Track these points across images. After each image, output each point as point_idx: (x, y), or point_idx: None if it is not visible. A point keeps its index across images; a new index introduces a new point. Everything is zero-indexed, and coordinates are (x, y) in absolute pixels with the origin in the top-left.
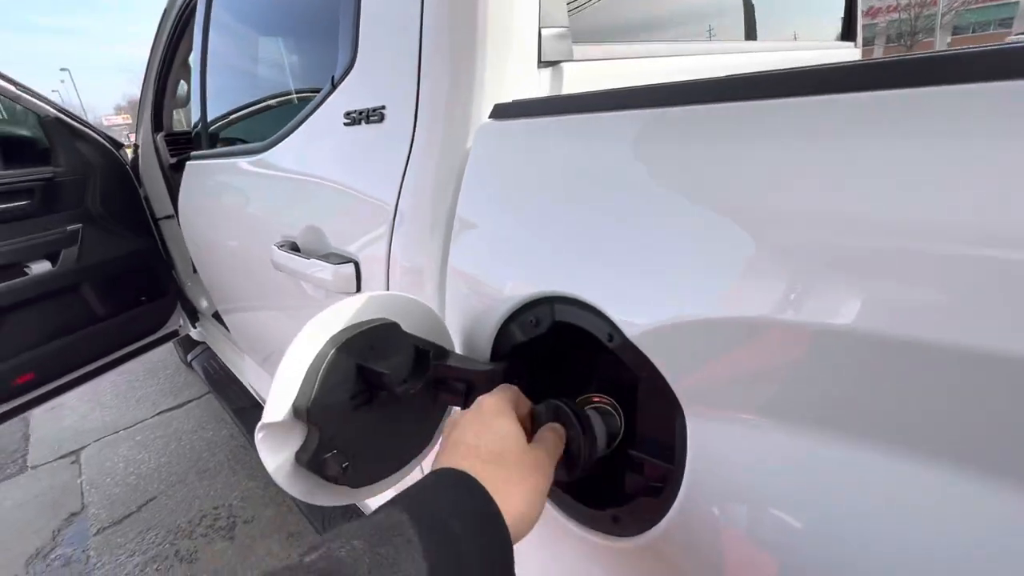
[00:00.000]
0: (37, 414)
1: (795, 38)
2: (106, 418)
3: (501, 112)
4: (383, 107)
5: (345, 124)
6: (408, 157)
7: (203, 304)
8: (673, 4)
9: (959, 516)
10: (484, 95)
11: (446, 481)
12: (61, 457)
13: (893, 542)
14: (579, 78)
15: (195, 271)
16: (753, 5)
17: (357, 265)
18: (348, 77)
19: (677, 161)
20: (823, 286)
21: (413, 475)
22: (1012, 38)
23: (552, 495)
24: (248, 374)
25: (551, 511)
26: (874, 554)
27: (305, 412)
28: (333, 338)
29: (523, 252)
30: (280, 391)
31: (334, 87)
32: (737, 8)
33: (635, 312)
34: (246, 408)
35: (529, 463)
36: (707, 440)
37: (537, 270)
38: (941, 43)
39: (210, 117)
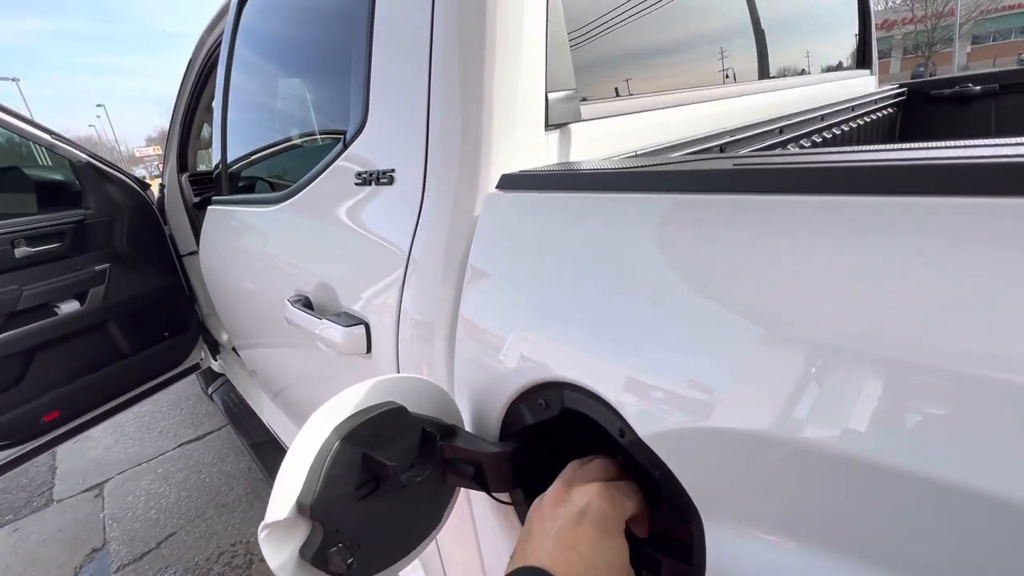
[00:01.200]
0: (64, 446)
1: (808, 65)
2: (130, 450)
3: (508, 183)
4: (393, 170)
5: (356, 184)
6: (417, 220)
7: (224, 337)
8: (682, 43)
9: None
10: (491, 161)
11: None
12: (86, 490)
13: None
14: (588, 137)
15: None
16: (765, 37)
17: (367, 326)
18: (359, 138)
19: (691, 250)
20: (854, 397)
21: (423, 556)
22: None
23: None
24: (264, 408)
25: None
26: None
27: (308, 508)
28: (338, 428)
29: (533, 328)
30: (284, 487)
31: (346, 146)
32: (748, 42)
33: (648, 411)
34: (263, 443)
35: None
36: (726, 550)
37: (546, 350)
38: (960, 53)
39: (229, 159)
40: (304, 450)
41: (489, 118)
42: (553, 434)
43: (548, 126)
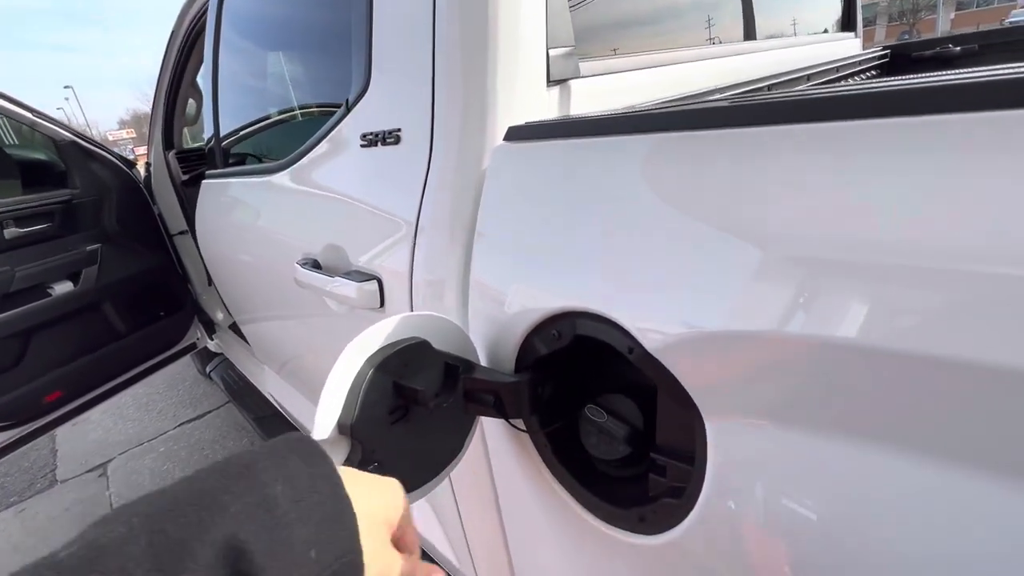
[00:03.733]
0: (63, 429)
1: (795, 28)
2: (130, 431)
3: (515, 135)
4: (399, 130)
5: (362, 146)
6: (426, 177)
7: (219, 316)
8: (671, 8)
9: (966, 511)
10: (497, 116)
11: (282, 446)
12: (89, 471)
13: (902, 538)
14: (586, 93)
15: (210, 284)
16: (752, 1)
17: (380, 281)
18: (362, 100)
19: (687, 181)
20: (828, 297)
21: (444, 485)
22: (1016, 11)
23: (579, 495)
24: (267, 383)
25: (578, 510)
26: (886, 549)
27: (349, 428)
28: (370, 359)
29: (543, 269)
30: (325, 409)
31: (349, 109)
32: (739, 5)
33: (653, 326)
34: (266, 416)
35: None
36: (726, 443)
37: (558, 286)
38: (944, 20)
39: (223, 133)
40: (342, 377)
41: (494, 74)
42: (564, 363)
43: (550, 82)
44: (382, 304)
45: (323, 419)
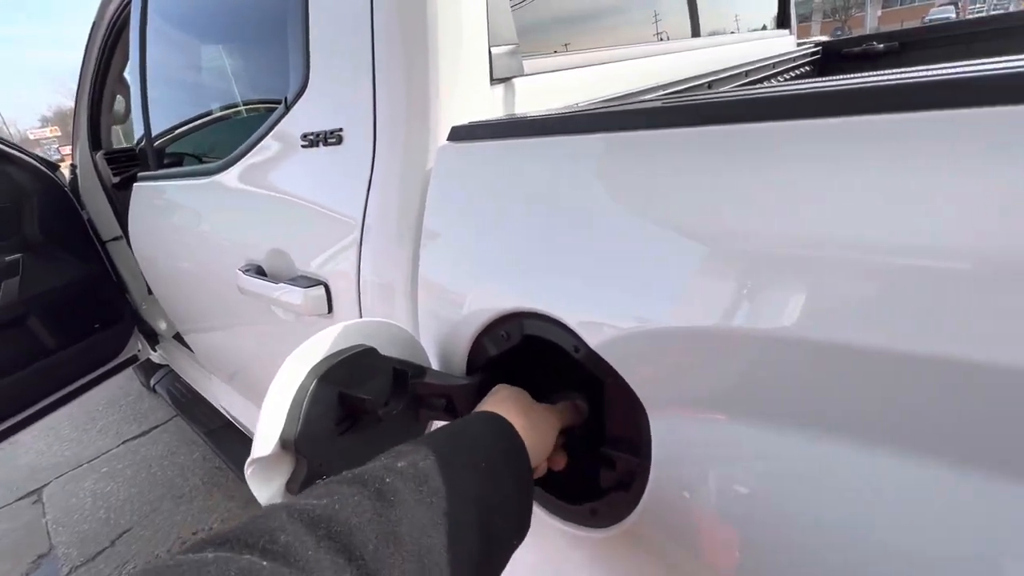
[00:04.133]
0: None
1: (736, 26)
2: (67, 452)
3: (458, 135)
4: (340, 129)
5: (303, 146)
6: (370, 178)
7: (162, 326)
8: (615, 6)
9: (902, 493)
10: (440, 115)
11: (485, 420)
12: (20, 498)
13: (837, 518)
14: (531, 91)
15: (150, 292)
16: (702, 3)
17: (327, 287)
18: (302, 99)
19: (623, 181)
20: (763, 292)
21: None
22: (934, 10)
23: (535, 496)
24: (217, 394)
25: (535, 510)
26: (823, 530)
27: (292, 443)
28: (313, 369)
29: (490, 270)
30: (266, 425)
31: (288, 108)
32: (680, 3)
33: (597, 324)
34: (217, 429)
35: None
36: (669, 436)
37: (505, 287)
38: (872, 17)
39: (155, 133)
40: (283, 390)
41: (436, 72)
42: (514, 363)
43: (493, 80)
44: (330, 310)
45: (264, 435)
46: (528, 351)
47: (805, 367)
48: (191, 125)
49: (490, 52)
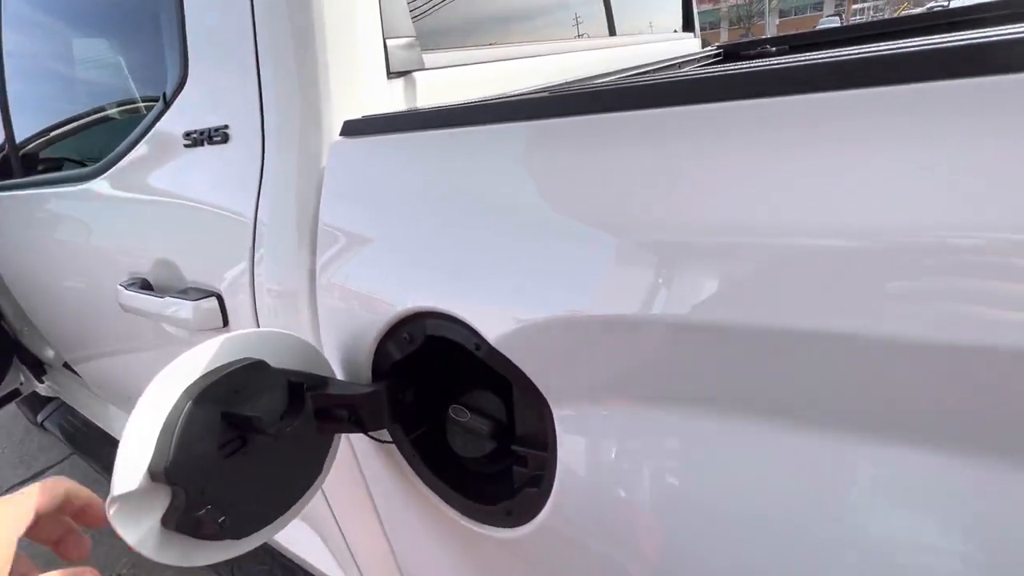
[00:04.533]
0: None
1: (650, 27)
2: None
3: (351, 129)
4: (226, 126)
5: (186, 145)
6: (261, 178)
7: (48, 354)
8: (528, 5)
9: (791, 471)
10: (334, 110)
11: None
12: None
13: (744, 503)
14: (433, 86)
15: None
16: (611, 3)
17: (220, 297)
18: (182, 94)
19: (514, 172)
20: (655, 279)
21: (312, 505)
22: (823, 20)
23: (449, 499)
24: (115, 425)
25: (450, 513)
26: (732, 515)
27: (163, 474)
28: (187, 390)
29: (389, 269)
30: (129, 457)
31: (167, 105)
32: (589, 3)
33: (496, 321)
34: None
35: None
36: (572, 429)
37: (404, 287)
38: (771, 25)
39: (19, 138)
40: (148, 416)
41: (326, 64)
42: (424, 366)
43: (391, 74)
44: (226, 323)
45: (127, 468)
46: (433, 353)
47: (700, 351)
48: (59, 129)
49: (385, 44)
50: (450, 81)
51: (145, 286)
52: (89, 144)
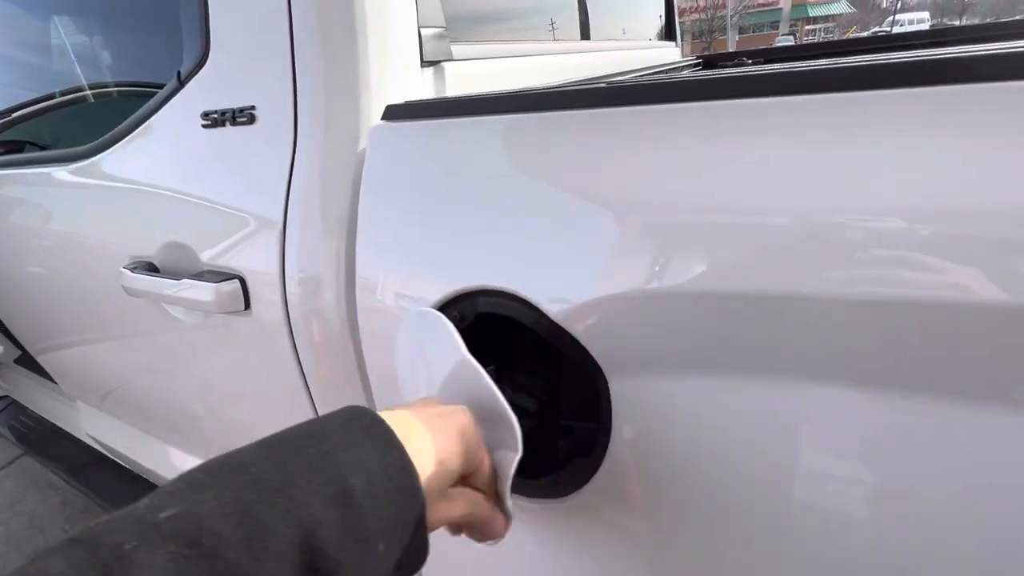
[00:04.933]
0: None
1: (651, 35)
2: None
3: (394, 114)
4: (253, 107)
5: (204, 126)
6: (292, 161)
7: None
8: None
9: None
10: (371, 95)
11: (346, 422)
12: None
13: (796, 473)
14: (459, 77)
15: None
16: (587, 7)
17: (243, 280)
18: (200, 72)
19: (572, 157)
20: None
21: None
22: (779, 37)
23: None
24: (82, 423)
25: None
26: (783, 489)
27: None
28: None
29: (436, 251)
30: None
31: (182, 83)
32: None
33: (555, 295)
34: (85, 465)
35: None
36: (629, 400)
37: (454, 267)
38: (732, 41)
39: None
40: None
41: (366, 50)
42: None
43: (424, 62)
44: (247, 306)
45: None
46: (478, 332)
47: (768, 321)
48: (42, 105)
49: (420, 33)
50: (474, 73)
51: (150, 269)
52: (76, 124)
